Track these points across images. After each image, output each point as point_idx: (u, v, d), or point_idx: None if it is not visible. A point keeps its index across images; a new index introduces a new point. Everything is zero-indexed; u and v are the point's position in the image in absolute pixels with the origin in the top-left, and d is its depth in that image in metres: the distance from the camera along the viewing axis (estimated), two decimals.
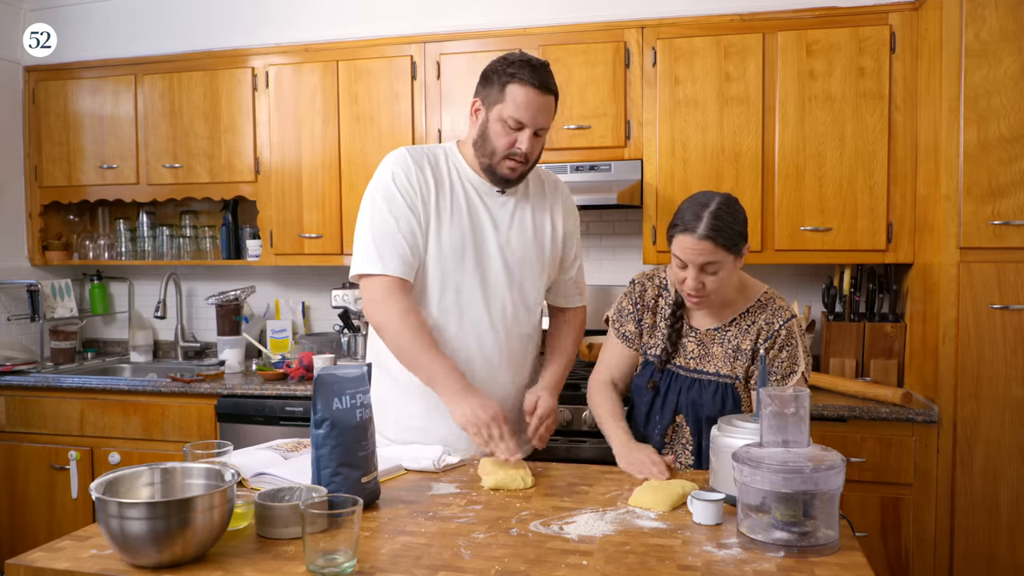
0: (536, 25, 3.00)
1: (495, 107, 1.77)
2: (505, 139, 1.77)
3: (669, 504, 1.46)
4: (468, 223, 1.84)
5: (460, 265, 1.83)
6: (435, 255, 1.83)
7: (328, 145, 3.17)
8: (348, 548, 1.18)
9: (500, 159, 1.79)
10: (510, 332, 1.89)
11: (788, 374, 1.76)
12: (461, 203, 1.84)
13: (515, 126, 1.76)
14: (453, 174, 1.87)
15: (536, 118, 1.76)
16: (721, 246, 1.66)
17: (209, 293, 3.60)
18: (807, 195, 2.76)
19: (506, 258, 1.87)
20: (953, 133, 2.39)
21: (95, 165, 3.47)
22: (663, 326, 1.86)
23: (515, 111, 1.75)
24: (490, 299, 1.86)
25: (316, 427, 1.44)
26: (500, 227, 1.87)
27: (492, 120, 1.78)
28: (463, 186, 1.86)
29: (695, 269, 1.69)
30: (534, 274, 1.92)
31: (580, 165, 2.90)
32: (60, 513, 3.15)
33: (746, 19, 2.79)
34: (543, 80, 1.76)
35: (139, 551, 1.17)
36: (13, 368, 3.28)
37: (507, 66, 1.77)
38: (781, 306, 1.80)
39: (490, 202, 1.87)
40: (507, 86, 1.75)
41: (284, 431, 2.84)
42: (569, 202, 2.02)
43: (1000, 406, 2.37)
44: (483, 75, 1.82)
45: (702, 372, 1.81)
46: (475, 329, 1.85)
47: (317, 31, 3.27)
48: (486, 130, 1.80)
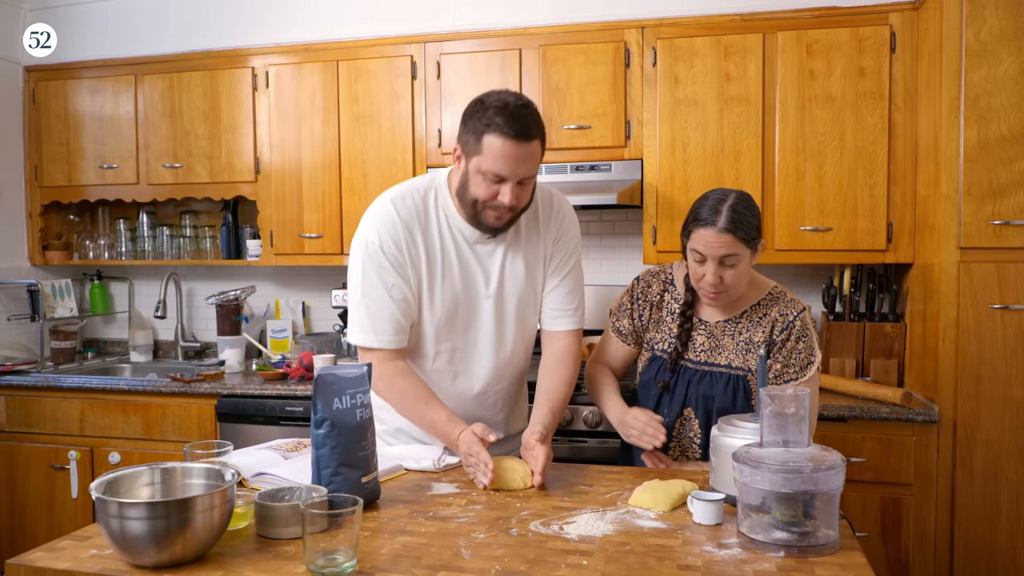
0: (536, 25, 3.00)
1: (473, 158, 1.66)
2: (486, 191, 1.66)
3: (669, 504, 1.46)
4: (460, 284, 1.78)
5: (452, 329, 1.81)
6: (428, 319, 1.80)
7: (328, 145, 3.17)
8: (348, 548, 1.18)
9: (483, 209, 1.69)
10: (504, 375, 1.88)
11: (806, 365, 1.77)
12: (452, 262, 1.78)
13: (495, 179, 1.64)
14: (443, 226, 1.78)
15: (517, 170, 1.63)
16: (740, 239, 1.68)
17: (209, 293, 3.60)
18: (807, 195, 2.76)
19: (499, 309, 1.82)
20: (953, 133, 2.39)
21: (95, 165, 3.47)
22: (670, 321, 1.86)
23: (493, 164, 1.63)
24: (483, 356, 1.84)
25: (316, 427, 1.44)
26: (492, 279, 1.80)
27: (472, 171, 1.67)
28: (453, 240, 1.78)
29: (714, 263, 1.69)
30: (529, 314, 1.87)
31: (580, 165, 2.90)
32: (60, 513, 3.15)
33: (746, 19, 2.79)
34: (521, 128, 1.61)
35: (139, 551, 1.17)
36: (13, 368, 3.28)
37: (483, 112, 1.64)
38: (792, 299, 1.81)
39: (480, 251, 1.79)
40: (483, 136, 1.63)
41: (284, 431, 2.84)
42: (565, 220, 1.88)
43: (1000, 406, 2.37)
44: (463, 117, 1.70)
45: (713, 365, 1.80)
46: (467, 382, 1.86)
47: (317, 31, 3.27)
48: (467, 180, 1.69)
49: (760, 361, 1.51)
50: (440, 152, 3.06)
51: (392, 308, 1.74)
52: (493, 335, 1.83)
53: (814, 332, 1.80)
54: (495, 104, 1.63)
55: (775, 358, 1.77)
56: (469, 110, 1.69)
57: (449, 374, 1.85)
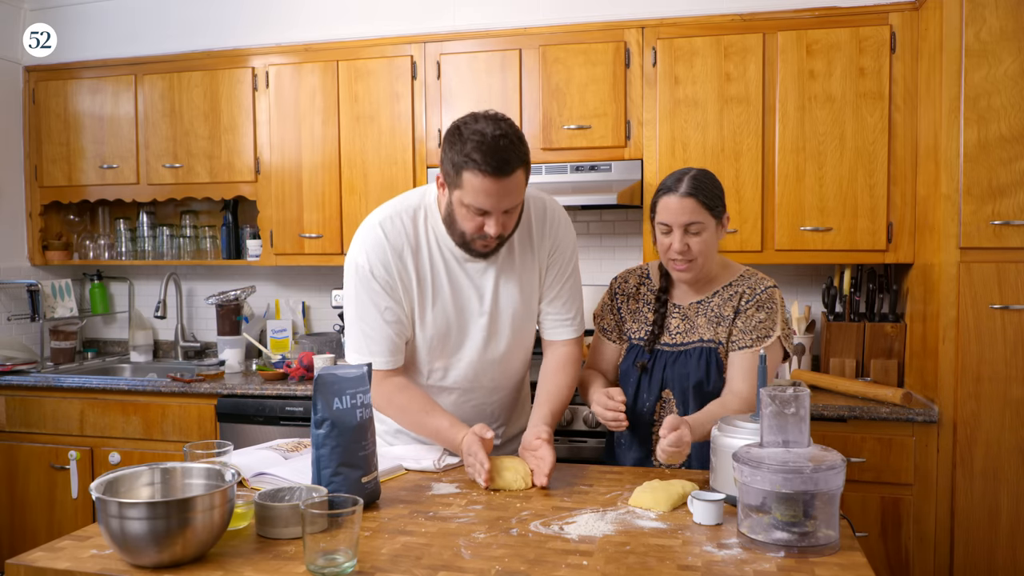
0: (536, 25, 3.00)
1: (455, 191, 1.64)
2: (471, 223, 1.65)
3: (669, 504, 1.46)
4: (451, 304, 1.78)
5: (444, 348, 1.82)
6: (421, 341, 1.80)
7: (328, 145, 3.17)
8: (348, 548, 1.18)
9: (471, 239, 1.68)
10: (500, 387, 1.90)
11: (763, 336, 1.77)
12: (443, 282, 1.77)
13: (478, 212, 1.62)
14: (433, 247, 1.76)
15: (499, 204, 1.61)
16: (703, 204, 1.74)
17: (209, 293, 3.59)
18: (807, 195, 2.76)
19: (494, 325, 1.82)
20: (953, 133, 2.39)
21: (95, 165, 3.47)
22: (647, 311, 1.89)
23: (474, 199, 1.60)
24: (477, 370, 1.85)
25: (316, 427, 1.44)
26: (485, 296, 1.79)
27: (455, 204, 1.65)
28: (444, 260, 1.77)
29: (680, 231, 1.75)
30: (525, 328, 1.87)
31: (580, 165, 2.90)
32: (60, 513, 3.15)
33: (746, 19, 2.79)
34: (499, 164, 1.57)
35: (139, 551, 1.17)
36: (13, 368, 3.28)
37: (461, 145, 1.59)
38: (763, 278, 1.85)
39: (472, 270, 1.78)
40: (462, 172, 1.60)
41: (284, 431, 2.84)
42: (560, 231, 1.85)
43: (1000, 406, 2.37)
44: (444, 141, 1.67)
45: (687, 344, 1.83)
46: (462, 397, 1.87)
47: (317, 31, 3.27)
48: (452, 212, 1.68)
49: (760, 361, 1.51)
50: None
51: (386, 330, 1.75)
52: (488, 352, 1.83)
53: (782, 310, 1.81)
54: (473, 138, 1.59)
55: (735, 324, 1.80)
56: (448, 138, 1.65)
57: (444, 390, 1.86)
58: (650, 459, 1.86)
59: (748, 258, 2.81)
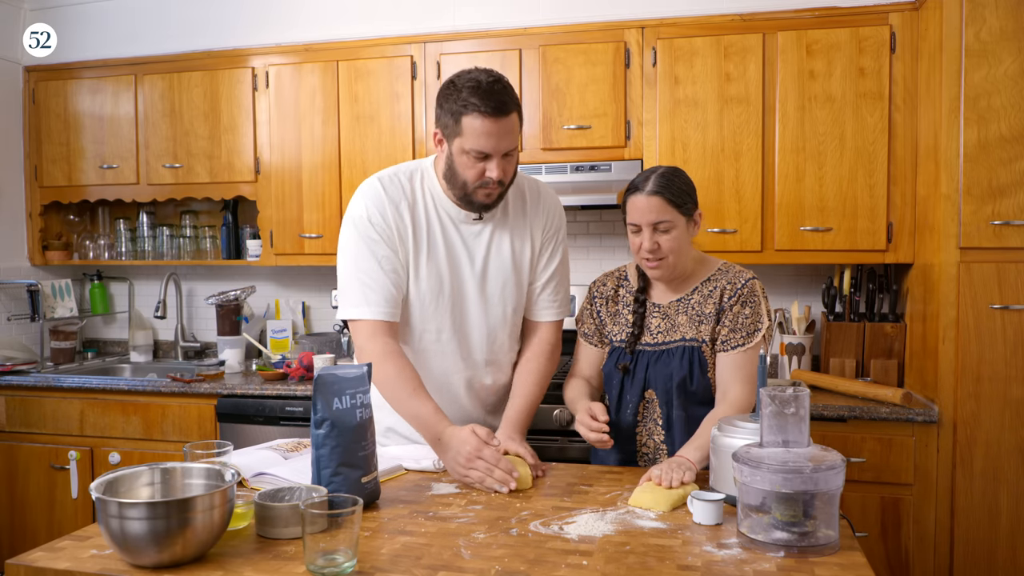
0: (536, 25, 3.00)
1: (455, 140, 1.70)
2: (473, 171, 1.70)
3: (669, 504, 1.46)
4: (445, 262, 1.80)
5: (437, 307, 1.82)
6: (414, 297, 1.81)
7: (328, 145, 3.17)
8: (348, 548, 1.18)
9: (473, 189, 1.72)
10: (490, 361, 1.89)
11: (752, 331, 1.77)
12: (438, 240, 1.80)
13: (479, 157, 1.68)
14: (429, 205, 1.81)
15: (499, 145, 1.68)
16: (669, 202, 1.73)
17: (209, 293, 3.60)
18: (807, 195, 2.76)
19: (484, 291, 1.84)
20: (953, 133, 2.39)
21: (95, 165, 3.47)
22: (626, 313, 1.88)
23: (475, 143, 1.67)
24: (470, 335, 1.85)
25: (316, 427, 1.44)
26: (476, 260, 1.82)
27: (456, 153, 1.71)
28: (439, 219, 1.81)
29: (649, 229, 1.75)
30: (514, 299, 1.88)
31: (580, 165, 2.90)
32: (60, 513, 3.15)
33: (746, 19, 2.79)
34: (497, 104, 1.65)
35: (139, 551, 1.17)
36: (13, 368, 3.28)
37: (457, 94, 1.67)
38: (741, 270, 1.84)
39: (466, 232, 1.82)
40: (461, 118, 1.67)
41: (284, 431, 2.84)
42: (553, 213, 1.92)
43: (1000, 406, 2.37)
44: (438, 100, 1.74)
45: (669, 343, 1.83)
46: (455, 365, 1.86)
47: (317, 31, 3.27)
48: (453, 163, 1.73)
49: (760, 362, 1.51)
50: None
51: (384, 279, 1.76)
52: (479, 316, 1.84)
53: (764, 300, 1.81)
54: (468, 85, 1.67)
55: (722, 323, 1.79)
56: (443, 92, 1.71)
57: (437, 354, 1.85)
58: (633, 461, 1.86)
59: (748, 258, 2.81)
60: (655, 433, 1.83)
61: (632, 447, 1.85)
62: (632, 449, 1.86)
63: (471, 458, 1.60)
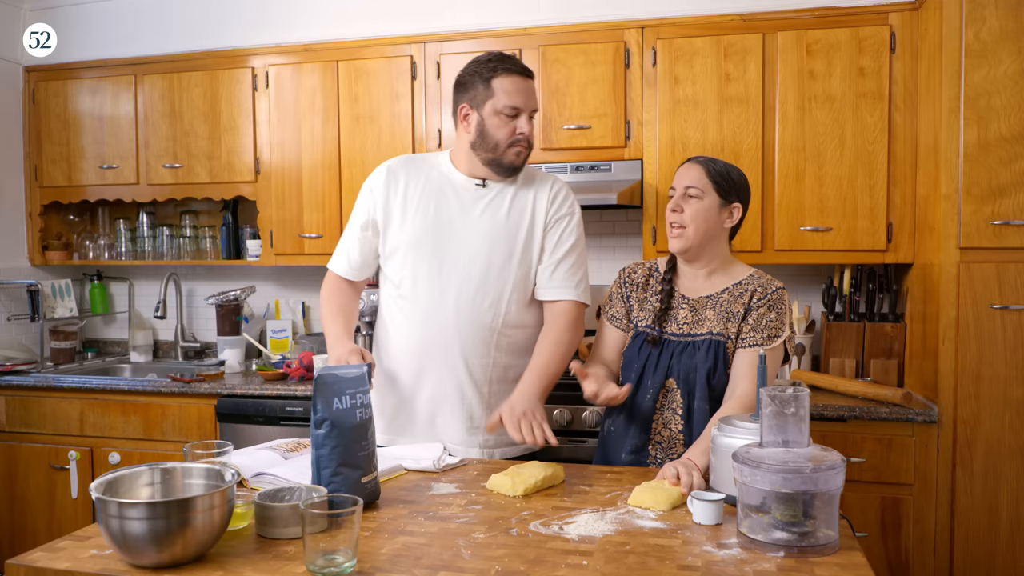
0: (536, 25, 3.00)
1: (487, 103, 1.86)
2: (506, 129, 1.86)
3: (669, 504, 1.46)
4: (433, 215, 1.92)
5: (417, 255, 1.92)
6: (400, 245, 1.94)
7: (328, 145, 3.17)
8: (348, 548, 1.18)
9: (505, 148, 1.87)
10: (465, 320, 1.89)
11: (773, 336, 1.79)
12: (431, 198, 1.93)
13: (512, 113, 1.86)
14: (433, 175, 1.96)
15: (528, 101, 1.88)
16: (707, 174, 1.81)
17: (209, 293, 3.60)
18: (807, 195, 2.76)
19: (466, 247, 1.90)
20: (953, 133, 2.39)
21: (95, 165, 3.47)
22: (654, 301, 1.90)
23: (508, 99, 1.85)
24: (445, 286, 1.90)
25: (316, 427, 1.44)
26: (469, 217, 1.92)
27: (487, 116, 1.86)
28: (440, 184, 1.95)
29: (681, 191, 1.83)
30: (499, 262, 1.90)
31: (580, 165, 2.90)
32: (60, 513, 3.15)
33: (746, 19, 2.79)
34: (522, 67, 1.89)
35: (139, 551, 1.17)
36: (13, 368, 3.28)
37: (485, 64, 1.87)
38: (773, 279, 1.87)
39: (465, 196, 1.94)
40: (492, 80, 1.85)
41: (284, 431, 2.84)
42: (557, 190, 1.97)
43: (1000, 406, 2.37)
44: (459, 82, 1.92)
45: (695, 335, 1.84)
46: (430, 315, 1.91)
47: (317, 31, 3.27)
48: (484, 128, 1.87)
49: (760, 362, 1.51)
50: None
51: (351, 244, 2.00)
52: (462, 267, 1.90)
53: (790, 311, 1.84)
54: (492, 56, 1.89)
55: (746, 321, 1.81)
56: (467, 71, 1.91)
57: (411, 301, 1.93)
58: (647, 448, 1.85)
59: (748, 258, 2.80)
60: (673, 422, 1.83)
61: (648, 435, 1.85)
62: (647, 436, 1.85)
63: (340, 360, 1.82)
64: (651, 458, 1.84)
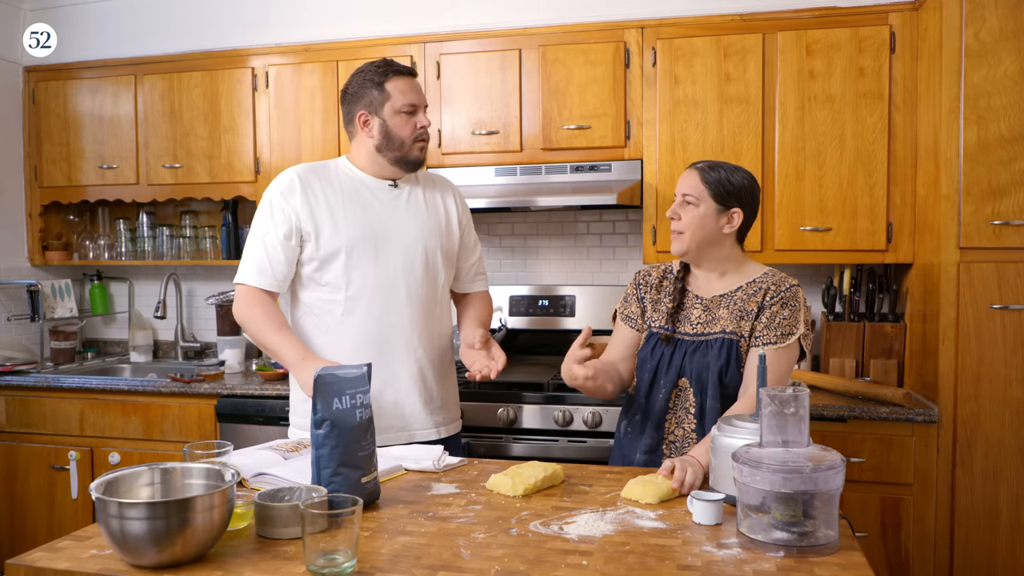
0: (536, 25, 3.00)
1: (385, 105, 1.97)
2: (408, 126, 1.98)
3: (657, 497, 1.48)
4: (365, 217, 1.99)
5: (363, 256, 1.98)
6: (340, 250, 1.97)
7: (328, 145, 3.17)
8: (348, 548, 1.18)
9: (410, 145, 1.99)
10: (419, 312, 2.04)
11: (787, 334, 1.79)
12: (355, 201, 2.00)
13: (410, 110, 1.97)
14: (343, 178, 2.03)
15: (421, 97, 2.01)
16: (703, 181, 1.82)
17: (209, 293, 3.60)
18: (807, 195, 2.76)
19: (407, 242, 2.02)
20: (953, 133, 2.39)
21: (95, 165, 3.47)
22: (667, 302, 1.91)
23: (404, 98, 1.97)
24: (396, 283, 2.00)
25: (316, 427, 1.44)
26: (397, 216, 2.03)
27: (388, 117, 1.97)
28: (354, 187, 2.02)
29: (679, 198, 1.85)
30: (438, 255, 2.07)
31: (580, 165, 2.90)
32: (60, 513, 3.15)
33: (746, 19, 2.79)
34: (408, 68, 2.01)
35: (139, 551, 1.17)
36: (13, 368, 3.28)
37: (373, 71, 1.98)
38: (787, 277, 1.87)
39: (383, 196, 2.03)
40: (385, 84, 1.97)
41: (284, 431, 2.83)
42: (460, 196, 2.19)
43: (1000, 406, 2.37)
44: (349, 93, 2.01)
45: (708, 334, 1.84)
46: (384, 312, 2.00)
47: (317, 31, 3.27)
48: (387, 129, 1.98)
49: (760, 361, 1.51)
50: (440, 152, 3.06)
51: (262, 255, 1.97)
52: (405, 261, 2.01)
53: (804, 309, 1.84)
54: (378, 64, 2.00)
55: (759, 319, 1.81)
56: (354, 81, 2.00)
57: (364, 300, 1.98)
58: (661, 448, 1.85)
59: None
60: (686, 421, 1.83)
61: (661, 433, 1.85)
62: (661, 435, 1.85)
63: None
64: (665, 458, 1.83)
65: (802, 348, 1.82)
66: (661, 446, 1.85)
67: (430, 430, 2.06)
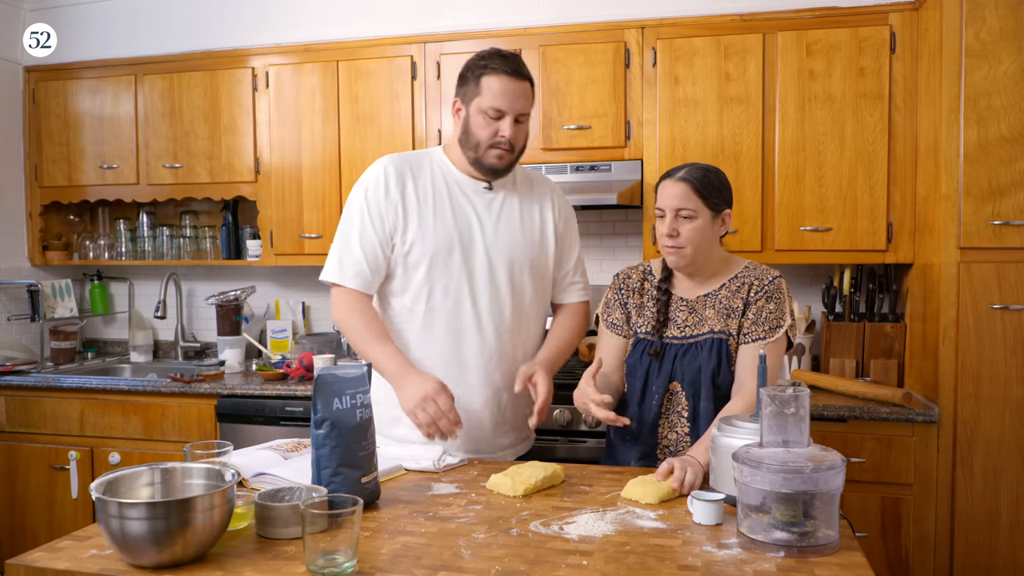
0: (536, 25, 3.00)
1: (474, 101, 1.83)
2: (487, 129, 1.82)
3: (657, 497, 1.48)
4: (453, 223, 1.87)
5: (447, 266, 1.86)
6: (422, 256, 1.86)
7: (328, 145, 3.17)
8: (348, 548, 1.18)
9: (485, 149, 1.83)
10: (499, 329, 1.90)
11: (775, 327, 1.79)
12: (445, 204, 1.88)
13: (495, 115, 1.81)
14: (437, 175, 1.91)
15: (514, 104, 1.81)
16: (696, 191, 1.77)
17: (209, 293, 3.60)
18: (807, 195, 2.76)
19: (493, 256, 1.89)
20: (953, 133, 2.39)
21: (95, 165, 3.47)
22: (651, 306, 1.89)
23: (492, 100, 1.80)
24: (478, 297, 1.88)
25: (316, 427, 1.44)
26: (487, 225, 1.90)
27: (473, 114, 1.84)
28: (447, 186, 1.90)
29: (672, 215, 1.79)
30: (525, 269, 1.93)
31: (580, 165, 2.90)
32: (60, 513, 3.15)
33: (746, 19, 2.79)
34: (514, 67, 1.82)
35: (139, 551, 1.17)
36: (13, 368, 3.28)
37: (479, 60, 1.83)
38: (768, 269, 1.86)
39: (476, 200, 1.91)
40: (481, 78, 1.81)
41: (284, 431, 2.84)
42: (561, 198, 2.04)
43: (1000, 406, 2.37)
44: (460, 75, 1.88)
45: (697, 336, 1.83)
46: (464, 327, 1.88)
47: (317, 31, 3.27)
48: (468, 125, 1.85)
49: (760, 362, 1.51)
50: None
51: (359, 254, 1.86)
52: (490, 276, 1.88)
53: (788, 300, 1.84)
54: (489, 53, 1.84)
55: (746, 316, 1.80)
56: (466, 65, 1.86)
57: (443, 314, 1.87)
58: (656, 454, 1.85)
59: (748, 258, 2.81)
60: (679, 425, 1.83)
61: (655, 440, 1.85)
62: (655, 442, 1.85)
63: (427, 398, 1.69)
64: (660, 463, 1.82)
65: (789, 339, 1.82)
66: (656, 451, 1.85)
67: (496, 453, 1.96)
